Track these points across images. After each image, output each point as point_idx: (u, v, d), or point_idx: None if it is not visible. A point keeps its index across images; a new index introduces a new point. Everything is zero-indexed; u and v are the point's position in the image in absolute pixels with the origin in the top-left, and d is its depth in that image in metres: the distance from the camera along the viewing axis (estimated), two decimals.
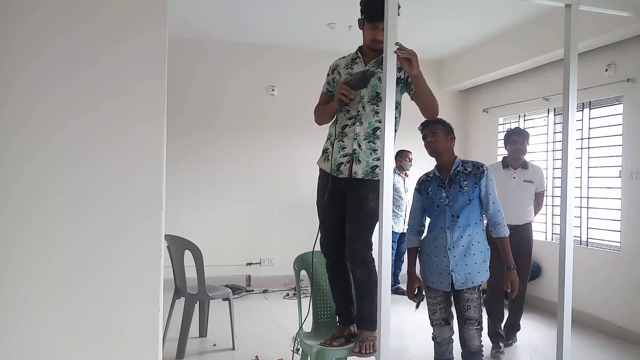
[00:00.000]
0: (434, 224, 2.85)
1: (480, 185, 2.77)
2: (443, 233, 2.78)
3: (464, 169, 2.81)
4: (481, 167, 2.80)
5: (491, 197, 2.78)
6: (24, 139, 1.65)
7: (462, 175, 2.79)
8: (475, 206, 2.77)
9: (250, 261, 6.28)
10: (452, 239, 2.75)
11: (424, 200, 2.90)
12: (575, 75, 2.36)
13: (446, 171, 2.83)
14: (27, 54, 1.65)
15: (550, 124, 5.63)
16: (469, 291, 2.77)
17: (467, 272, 2.75)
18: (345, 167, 2.69)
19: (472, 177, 2.78)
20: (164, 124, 1.77)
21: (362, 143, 2.67)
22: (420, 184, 2.94)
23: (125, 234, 1.72)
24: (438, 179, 2.85)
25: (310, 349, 2.75)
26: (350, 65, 2.79)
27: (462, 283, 2.75)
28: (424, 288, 2.88)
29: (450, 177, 2.81)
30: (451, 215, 2.76)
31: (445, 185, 2.81)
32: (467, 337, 2.79)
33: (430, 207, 2.86)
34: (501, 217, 2.82)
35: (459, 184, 2.78)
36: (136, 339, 1.73)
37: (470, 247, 2.76)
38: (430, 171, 2.94)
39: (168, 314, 3.94)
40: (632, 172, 4.47)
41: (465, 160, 2.86)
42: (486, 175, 2.78)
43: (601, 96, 4.84)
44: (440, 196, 2.80)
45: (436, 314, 2.86)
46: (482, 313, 2.80)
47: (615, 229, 4.68)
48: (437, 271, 2.80)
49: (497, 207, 2.80)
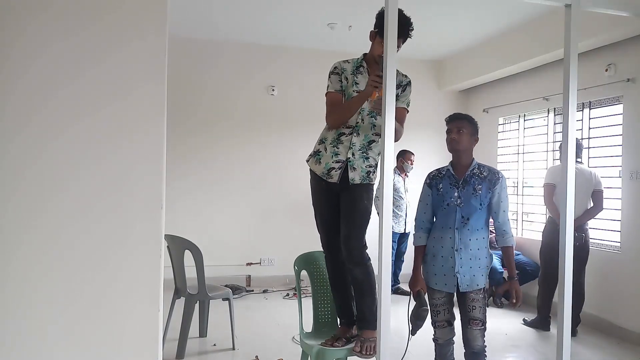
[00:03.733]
0: (441, 222, 2.79)
1: (494, 192, 2.73)
2: (451, 233, 2.73)
3: (480, 173, 2.77)
4: (497, 174, 2.78)
5: (502, 205, 2.75)
6: (24, 143, 1.65)
7: (477, 178, 2.76)
8: (484, 212, 2.75)
9: (250, 261, 6.28)
10: (460, 240, 2.71)
11: (434, 196, 2.83)
12: (575, 75, 2.36)
13: (462, 171, 2.78)
14: (27, 59, 1.65)
15: (550, 124, 5.63)
16: (475, 292, 2.75)
17: (472, 275, 2.73)
18: (336, 172, 2.73)
19: (487, 182, 2.74)
20: (164, 128, 1.77)
21: (356, 153, 2.72)
22: (432, 179, 2.86)
23: (126, 234, 1.73)
24: (452, 177, 2.79)
25: (310, 348, 2.75)
26: (355, 73, 2.80)
27: (467, 285, 2.73)
28: (425, 289, 2.83)
29: (465, 178, 2.76)
30: (461, 217, 2.72)
31: (458, 185, 2.76)
32: (471, 337, 2.76)
33: (440, 204, 2.80)
34: (509, 226, 2.78)
35: (473, 186, 2.74)
36: (136, 339, 1.73)
37: (477, 251, 2.73)
38: (442, 167, 2.88)
39: (168, 314, 3.94)
40: (632, 172, 4.47)
41: (481, 164, 2.82)
42: (501, 182, 2.75)
43: (601, 96, 4.84)
44: (451, 195, 2.75)
45: (439, 316, 2.82)
46: (486, 314, 2.78)
47: (615, 229, 4.68)
48: (442, 272, 2.77)
49: (506, 216, 2.77)
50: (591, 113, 5.01)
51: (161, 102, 1.76)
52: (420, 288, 2.82)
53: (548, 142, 5.62)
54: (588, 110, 5.02)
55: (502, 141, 6.42)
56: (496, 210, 2.75)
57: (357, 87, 2.76)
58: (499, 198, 2.74)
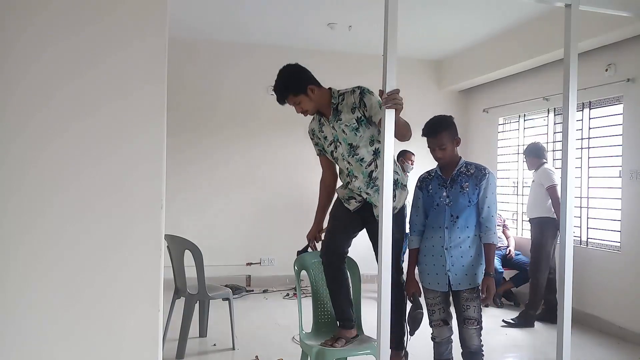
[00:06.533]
0: (431, 222, 2.82)
1: (480, 188, 2.74)
2: (441, 232, 2.75)
3: (467, 170, 2.79)
4: (483, 170, 2.78)
5: (487, 201, 2.74)
6: (24, 143, 1.65)
7: (464, 176, 2.77)
8: (474, 209, 2.75)
9: (250, 261, 6.28)
10: (449, 238, 2.73)
11: (425, 198, 2.87)
12: (575, 75, 2.36)
13: (449, 171, 2.81)
14: (27, 59, 1.65)
15: (550, 124, 5.63)
16: (468, 291, 2.74)
17: (465, 273, 2.73)
18: (355, 203, 2.89)
19: (473, 178, 2.75)
20: (164, 128, 1.78)
21: (368, 191, 2.83)
22: (422, 182, 2.91)
23: (126, 234, 1.73)
24: (440, 177, 2.83)
25: (310, 349, 2.75)
26: (320, 128, 2.93)
27: (459, 284, 2.73)
28: (420, 292, 2.84)
29: (453, 177, 2.79)
30: (450, 215, 2.74)
31: (446, 184, 2.79)
32: (467, 337, 2.76)
33: (430, 205, 2.84)
34: (493, 223, 2.76)
35: (460, 184, 2.76)
36: (136, 339, 1.73)
37: (468, 249, 2.73)
38: (432, 169, 2.91)
39: (168, 314, 3.94)
40: (632, 172, 4.47)
41: (469, 162, 2.84)
42: (487, 178, 2.75)
43: (601, 96, 4.84)
44: (440, 195, 2.78)
45: (434, 315, 2.83)
46: (481, 312, 2.77)
47: (615, 229, 4.68)
48: (434, 271, 2.78)
49: (490, 213, 2.75)
50: (591, 113, 5.01)
51: (161, 102, 1.77)
52: (414, 291, 2.83)
53: (548, 142, 5.61)
54: (588, 110, 5.02)
55: (502, 141, 6.42)
56: (481, 206, 2.74)
57: (326, 140, 2.90)
58: (484, 194, 2.73)
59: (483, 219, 2.76)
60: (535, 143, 5.16)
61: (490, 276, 2.73)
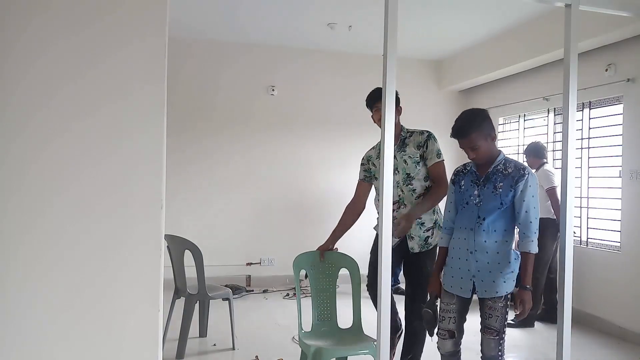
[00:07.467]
0: (459, 222, 2.63)
1: (516, 190, 2.48)
2: (466, 234, 2.55)
3: (504, 169, 2.54)
4: (522, 170, 2.51)
5: (525, 204, 2.47)
6: (24, 143, 1.65)
7: (500, 175, 2.53)
8: (507, 212, 2.51)
9: (250, 261, 6.28)
10: (474, 242, 2.52)
11: (456, 194, 2.67)
12: (575, 75, 2.36)
13: (484, 168, 2.58)
14: (27, 59, 1.65)
15: (550, 124, 5.63)
16: (494, 300, 2.51)
17: (492, 280, 2.49)
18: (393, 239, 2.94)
19: (509, 179, 2.50)
20: (163, 128, 1.78)
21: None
22: (456, 175, 2.71)
23: (126, 234, 1.73)
24: (474, 174, 2.61)
25: (308, 348, 2.75)
26: (378, 155, 3.08)
27: (485, 291, 2.51)
28: (439, 294, 2.70)
29: (487, 176, 2.56)
30: (478, 217, 2.53)
31: (479, 182, 2.57)
32: (485, 345, 2.55)
33: (459, 202, 2.64)
34: (532, 230, 2.48)
35: (494, 184, 2.52)
36: (136, 339, 1.73)
37: (496, 255, 2.50)
38: (468, 162, 2.69)
39: (168, 314, 3.94)
40: (632, 172, 4.47)
41: (509, 160, 2.59)
42: (525, 180, 2.48)
43: (601, 96, 4.84)
44: (471, 193, 2.57)
45: (443, 323, 2.62)
46: (504, 323, 2.52)
47: (615, 229, 4.68)
48: (458, 275, 2.58)
49: (529, 218, 2.47)
50: (591, 113, 5.00)
51: (161, 102, 1.77)
52: (432, 290, 2.71)
53: (548, 142, 5.61)
54: (588, 110, 5.02)
55: (502, 141, 6.42)
56: (518, 210, 2.49)
57: None
58: (521, 196, 2.47)
59: (520, 225, 2.50)
60: (535, 143, 5.16)
61: (527, 290, 2.49)
